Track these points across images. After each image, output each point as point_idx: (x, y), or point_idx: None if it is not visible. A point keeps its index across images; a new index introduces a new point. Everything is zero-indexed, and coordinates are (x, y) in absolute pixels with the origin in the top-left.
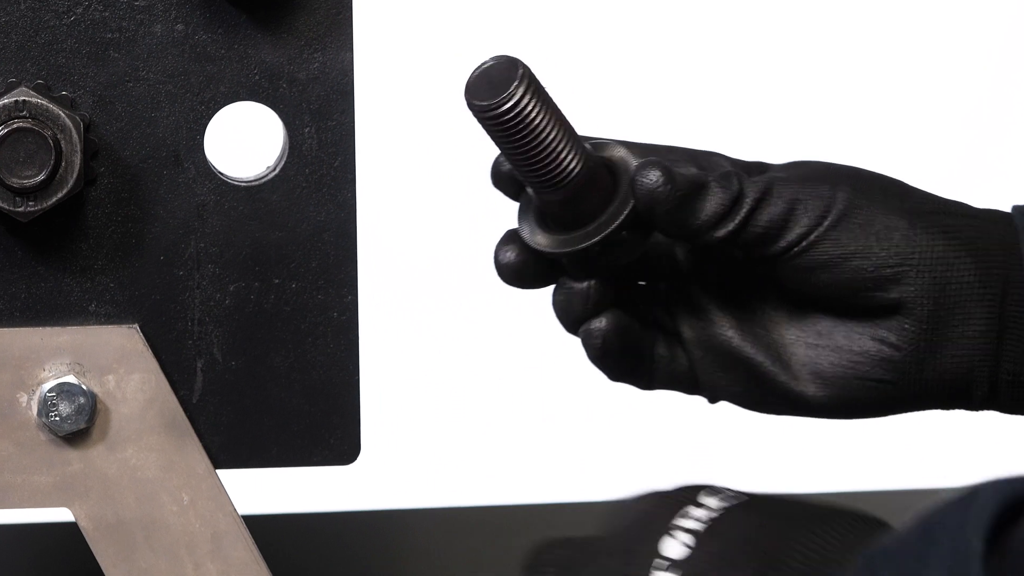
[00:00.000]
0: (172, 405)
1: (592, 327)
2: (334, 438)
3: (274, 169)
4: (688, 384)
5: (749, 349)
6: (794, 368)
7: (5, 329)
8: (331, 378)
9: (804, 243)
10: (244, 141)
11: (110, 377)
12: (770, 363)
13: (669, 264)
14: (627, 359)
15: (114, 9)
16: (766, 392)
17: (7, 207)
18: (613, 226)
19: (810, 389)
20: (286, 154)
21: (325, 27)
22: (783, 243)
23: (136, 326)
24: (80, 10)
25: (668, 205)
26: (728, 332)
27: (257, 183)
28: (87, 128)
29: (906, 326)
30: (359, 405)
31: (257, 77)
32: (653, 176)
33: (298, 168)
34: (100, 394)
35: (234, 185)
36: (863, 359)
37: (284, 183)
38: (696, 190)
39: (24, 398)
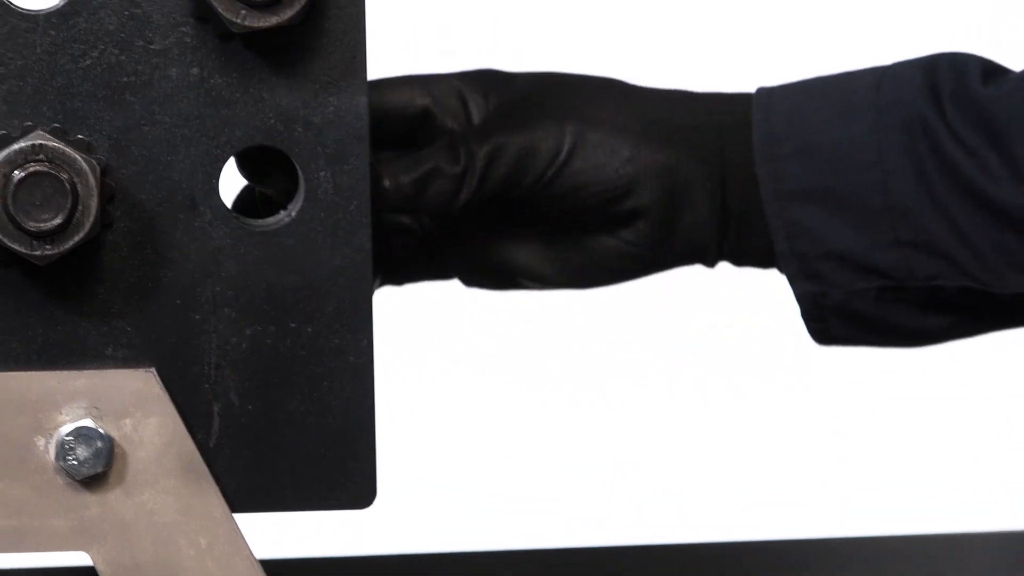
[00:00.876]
0: (189, 449)
1: None
2: (350, 482)
3: (290, 213)
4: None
5: (507, 260)
6: (548, 265)
7: (22, 373)
8: (347, 422)
9: (540, 183)
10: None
11: (127, 421)
12: (530, 268)
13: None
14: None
15: (130, 53)
16: (519, 285)
17: (24, 250)
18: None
19: (559, 279)
20: (301, 198)
21: (340, 71)
22: (521, 189)
23: (153, 370)
24: (96, 54)
25: (403, 204)
26: (489, 253)
27: (273, 227)
28: (103, 172)
29: (641, 227)
30: (375, 449)
31: (272, 121)
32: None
33: (313, 212)
34: (117, 438)
35: (250, 229)
36: (607, 254)
37: (300, 227)
38: (424, 181)
39: (41, 442)
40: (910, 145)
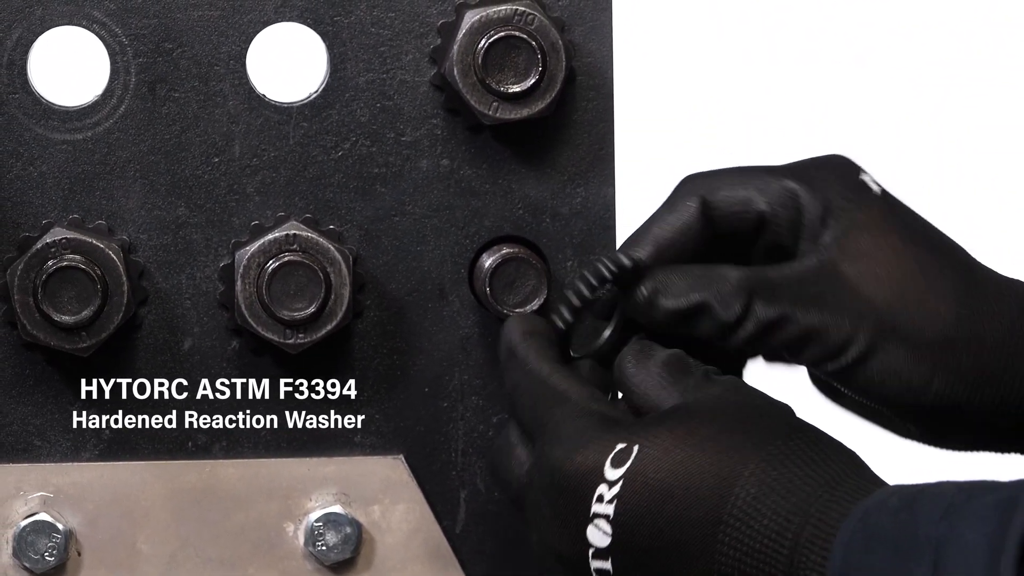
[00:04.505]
0: (436, 535)
1: None
2: None
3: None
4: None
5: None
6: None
7: (273, 460)
8: None
9: (828, 366)
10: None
11: (375, 507)
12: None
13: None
14: None
15: (381, 144)
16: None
17: (277, 339)
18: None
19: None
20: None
21: (588, 162)
22: (807, 362)
23: (401, 457)
24: (348, 145)
25: (667, 329)
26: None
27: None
28: (355, 261)
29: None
30: None
31: (520, 211)
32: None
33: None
34: (365, 524)
35: (497, 317)
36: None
37: (545, 315)
38: (690, 315)
39: (291, 527)
40: None
